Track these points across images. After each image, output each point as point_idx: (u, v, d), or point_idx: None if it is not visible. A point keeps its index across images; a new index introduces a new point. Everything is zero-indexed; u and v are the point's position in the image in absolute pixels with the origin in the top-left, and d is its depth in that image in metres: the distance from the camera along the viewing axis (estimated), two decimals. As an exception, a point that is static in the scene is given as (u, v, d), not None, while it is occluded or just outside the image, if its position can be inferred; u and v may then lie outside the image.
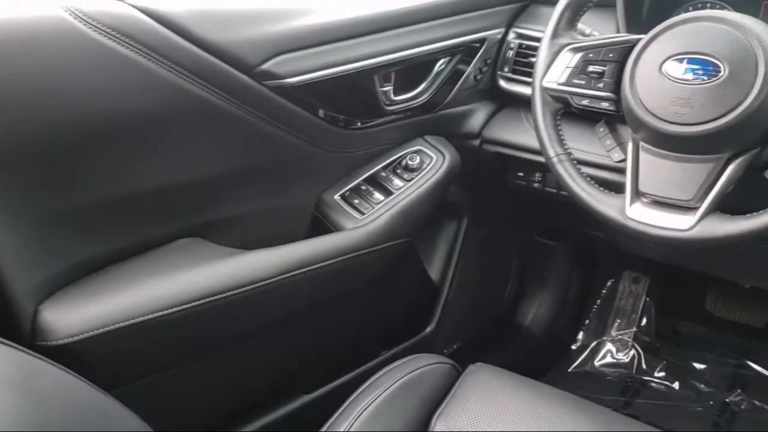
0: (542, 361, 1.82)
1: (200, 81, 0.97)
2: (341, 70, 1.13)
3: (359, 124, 1.23)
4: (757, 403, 1.64)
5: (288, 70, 1.07)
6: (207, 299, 0.96)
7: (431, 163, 1.30)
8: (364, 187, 1.26)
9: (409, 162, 1.29)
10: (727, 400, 1.66)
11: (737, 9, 1.06)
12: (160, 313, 0.92)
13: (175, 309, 0.93)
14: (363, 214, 1.21)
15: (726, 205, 0.85)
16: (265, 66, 1.04)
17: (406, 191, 1.25)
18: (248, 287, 1.01)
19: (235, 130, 1.05)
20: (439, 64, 1.29)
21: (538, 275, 1.86)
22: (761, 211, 0.81)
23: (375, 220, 1.20)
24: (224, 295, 0.98)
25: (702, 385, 1.71)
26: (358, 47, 1.15)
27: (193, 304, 0.95)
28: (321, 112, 1.15)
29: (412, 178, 1.27)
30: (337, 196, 1.24)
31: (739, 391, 1.68)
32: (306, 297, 1.14)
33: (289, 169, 1.17)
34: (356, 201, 1.23)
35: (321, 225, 1.22)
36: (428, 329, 1.52)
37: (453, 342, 1.64)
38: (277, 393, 1.26)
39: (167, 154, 0.98)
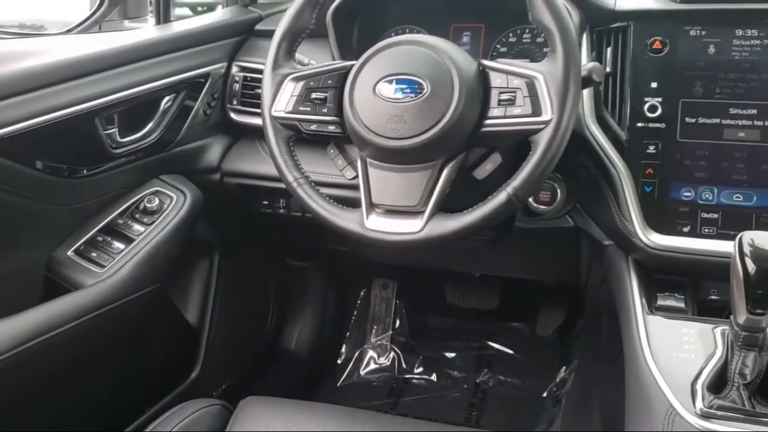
0: (312, 380, 1.85)
1: None
2: (56, 116, 1.05)
3: (85, 171, 1.15)
4: (501, 377, 1.86)
5: (-8, 121, 0.97)
6: None
7: (172, 203, 1.26)
8: (100, 238, 1.18)
9: (148, 205, 1.24)
10: (477, 380, 1.85)
11: (430, 32, 1.21)
12: None
13: None
14: (103, 267, 1.14)
15: (447, 206, 0.96)
16: (-36, 119, 0.93)
17: (148, 236, 1.20)
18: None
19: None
20: (165, 102, 1.26)
21: (297, 298, 1.90)
22: (474, 207, 0.92)
23: (117, 272, 1.13)
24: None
25: (455, 372, 1.88)
26: (73, 91, 1.08)
27: None
28: (39, 164, 1.06)
29: (153, 222, 1.22)
30: (70, 252, 1.15)
31: (486, 370, 1.88)
32: (48, 368, 1.04)
33: (9, 231, 1.05)
34: (93, 254, 1.15)
35: (56, 286, 1.12)
36: (193, 374, 1.46)
37: (222, 382, 1.60)
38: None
39: None
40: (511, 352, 1.93)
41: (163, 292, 1.31)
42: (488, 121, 0.93)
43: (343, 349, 1.96)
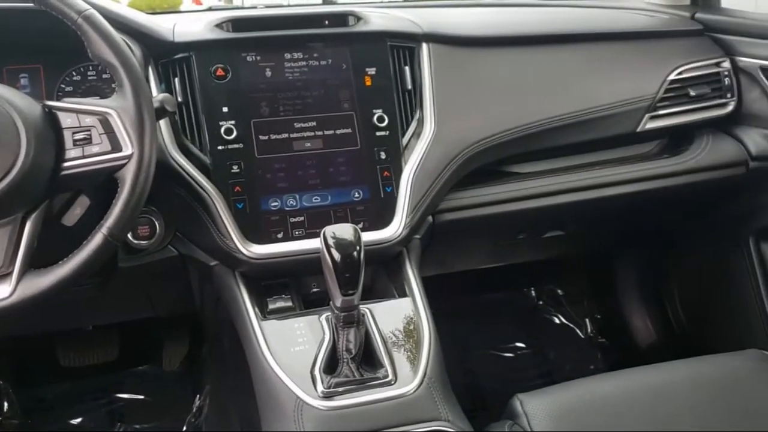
0: None
1: None
2: None
3: None
4: (137, 426, 1.76)
5: None
6: None
7: None
8: None
9: None
10: (112, 438, 1.73)
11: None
12: None
13: None
14: None
15: (40, 261, 0.88)
16: None
17: None
18: None
19: None
20: None
21: None
22: (70, 256, 0.87)
23: None
24: None
25: (83, 436, 1.72)
26: None
27: None
28: None
29: None
30: None
31: (119, 424, 1.76)
32: None
33: None
34: None
35: None
36: None
37: None
38: None
39: None
40: (142, 397, 1.84)
41: None
42: (66, 164, 0.88)
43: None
